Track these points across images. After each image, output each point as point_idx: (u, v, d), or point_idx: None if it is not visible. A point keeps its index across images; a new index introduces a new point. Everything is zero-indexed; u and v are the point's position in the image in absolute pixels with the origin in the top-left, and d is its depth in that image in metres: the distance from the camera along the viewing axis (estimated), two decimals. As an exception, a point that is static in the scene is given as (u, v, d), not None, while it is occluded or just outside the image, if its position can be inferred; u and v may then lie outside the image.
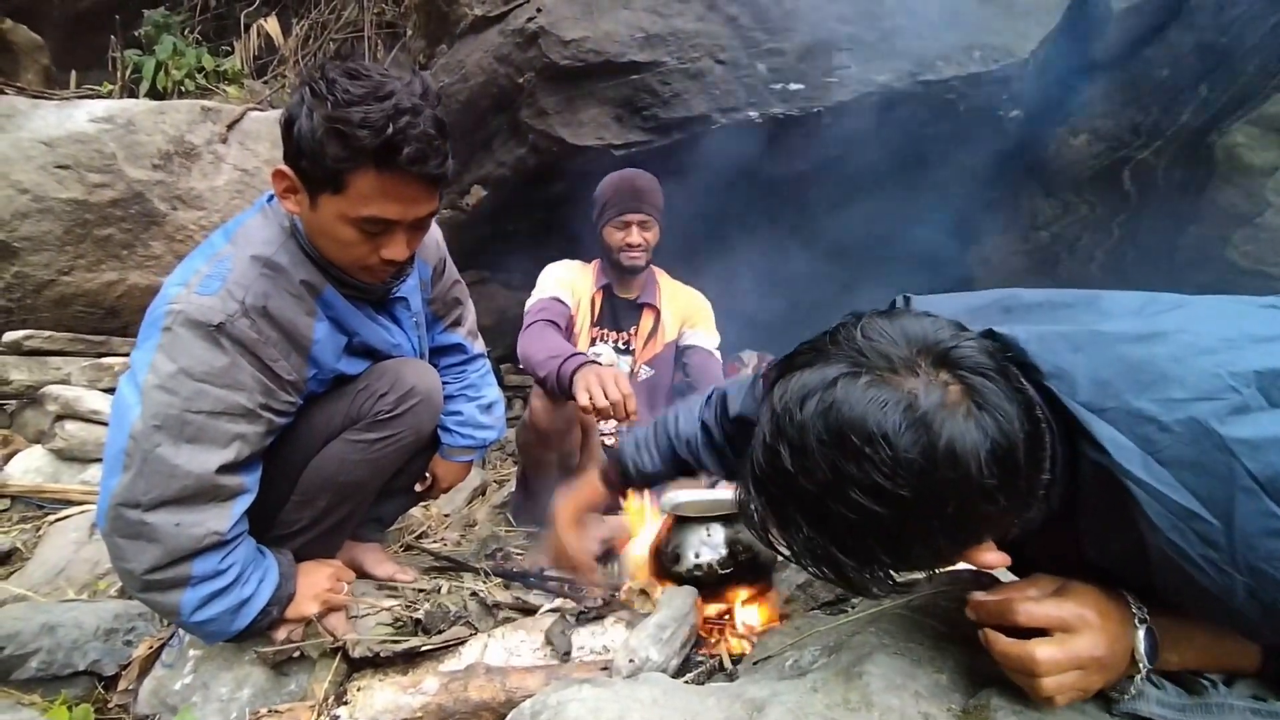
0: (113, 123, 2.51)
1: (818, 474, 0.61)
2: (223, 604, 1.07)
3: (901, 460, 0.58)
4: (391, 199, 1.00)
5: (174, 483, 1.00)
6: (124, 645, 1.29)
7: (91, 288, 2.56)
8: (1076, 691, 0.68)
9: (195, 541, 1.02)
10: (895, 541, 0.62)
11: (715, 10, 2.24)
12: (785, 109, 2.25)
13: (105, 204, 2.49)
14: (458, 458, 1.49)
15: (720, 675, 1.05)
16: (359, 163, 0.96)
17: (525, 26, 2.30)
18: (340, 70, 0.97)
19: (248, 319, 1.02)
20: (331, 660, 1.16)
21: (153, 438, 0.99)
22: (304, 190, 1.02)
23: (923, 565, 0.71)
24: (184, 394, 0.99)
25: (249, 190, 2.81)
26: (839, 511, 0.61)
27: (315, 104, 0.95)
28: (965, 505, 0.60)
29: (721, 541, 1.25)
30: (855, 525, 0.61)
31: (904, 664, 0.81)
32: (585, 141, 2.40)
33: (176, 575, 1.02)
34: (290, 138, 0.99)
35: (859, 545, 0.63)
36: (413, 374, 1.25)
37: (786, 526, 0.66)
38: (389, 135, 0.94)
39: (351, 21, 4.61)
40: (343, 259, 1.09)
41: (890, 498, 0.59)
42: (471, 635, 1.17)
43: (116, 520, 1.01)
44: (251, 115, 2.86)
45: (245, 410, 1.05)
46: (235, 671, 1.18)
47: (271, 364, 1.06)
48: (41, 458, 2.26)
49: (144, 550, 1.01)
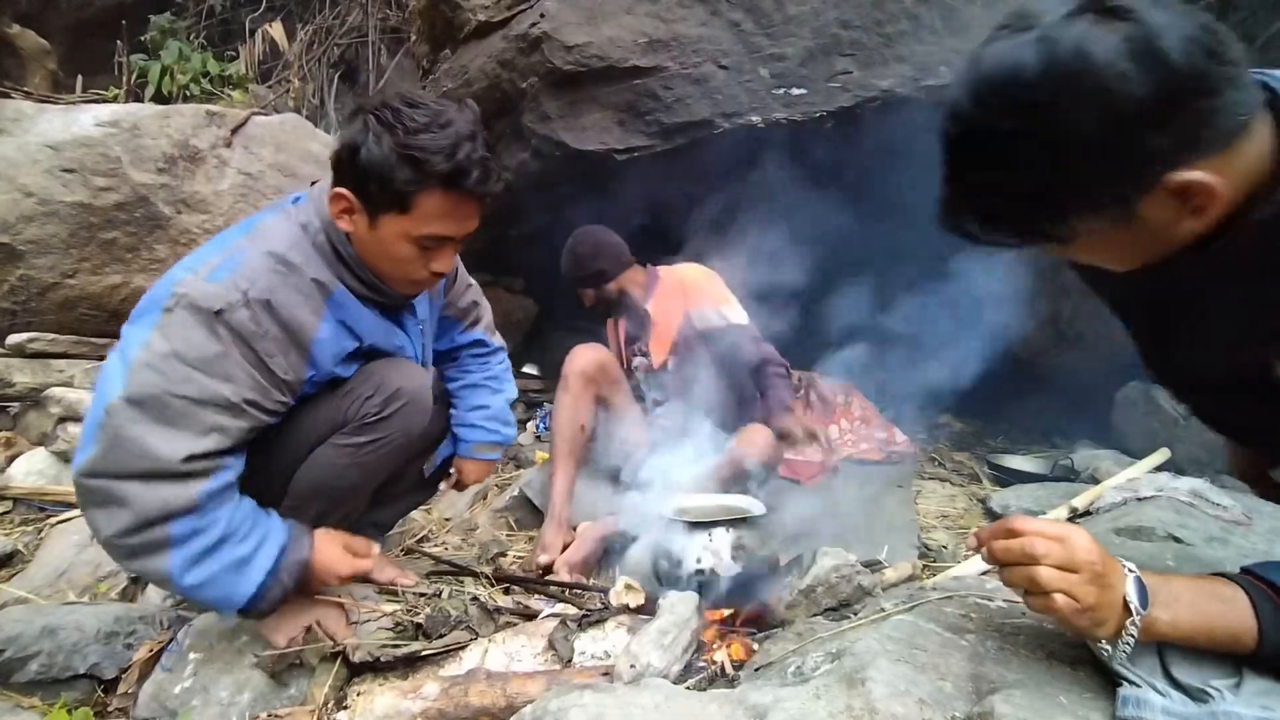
0: (118, 127, 2.52)
1: (975, 125, 0.65)
2: (216, 563, 1.03)
3: (1034, 75, 0.61)
4: (451, 218, 1.10)
5: (142, 461, 0.99)
6: (124, 649, 1.29)
7: (95, 291, 2.57)
8: (1073, 598, 0.69)
9: (164, 505, 1.00)
10: (1058, 157, 0.63)
11: (718, 16, 2.24)
12: (788, 114, 2.26)
13: (110, 207, 2.50)
14: (482, 455, 1.49)
15: (722, 681, 1.04)
16: (427, 185, 1.05)
17: (529, 32, 2.30)
18: (400, 100, 1.06)
19: (248, 310, 1.03)
20: (331, 665, 1.15)
21: (128, 413, 0.98)
22: (364, 211, 1.10)
23: (1098, 184, 0.64)
24: (171, 376, 0.99)
25: (253, 194, 2.82)
26: (1001, 148, 0.65)
27: (383, 132, 1.04)
28: (1108, 95, 0.60)
29: (724, 547, 1.25)
30: (1018, 152, 0.64)
31: (907, 670, 0.80)
32: (588, 146, 2.40)
33: (154, 538, 1.00)
34: (354, 164, 1.06)
35: (1028, 176, 0.64)
36: (399, 375, 1.24)
37: (969, 203, 0.70)
38: (458, 160, 1.04)
39: (356, 27, 4.65)
40: (395, 273, 1.16)
41: (1038, 109, 0.61)
42: (472, 640, 1.17)
43: (85, 492, 1.01)
44: (256, 120, 2.87)
45: (229, 403, 1.04)
46: (235, 675, 1.18)
47: (267, 359, 1.06)
48: (44, 460, 2.26)
49: (114, 516, 0.99)
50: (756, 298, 2.23)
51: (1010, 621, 0.88)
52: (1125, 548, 1.36)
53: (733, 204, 2.39)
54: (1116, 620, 0.71)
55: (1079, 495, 1.87)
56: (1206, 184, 0.62)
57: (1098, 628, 0.71)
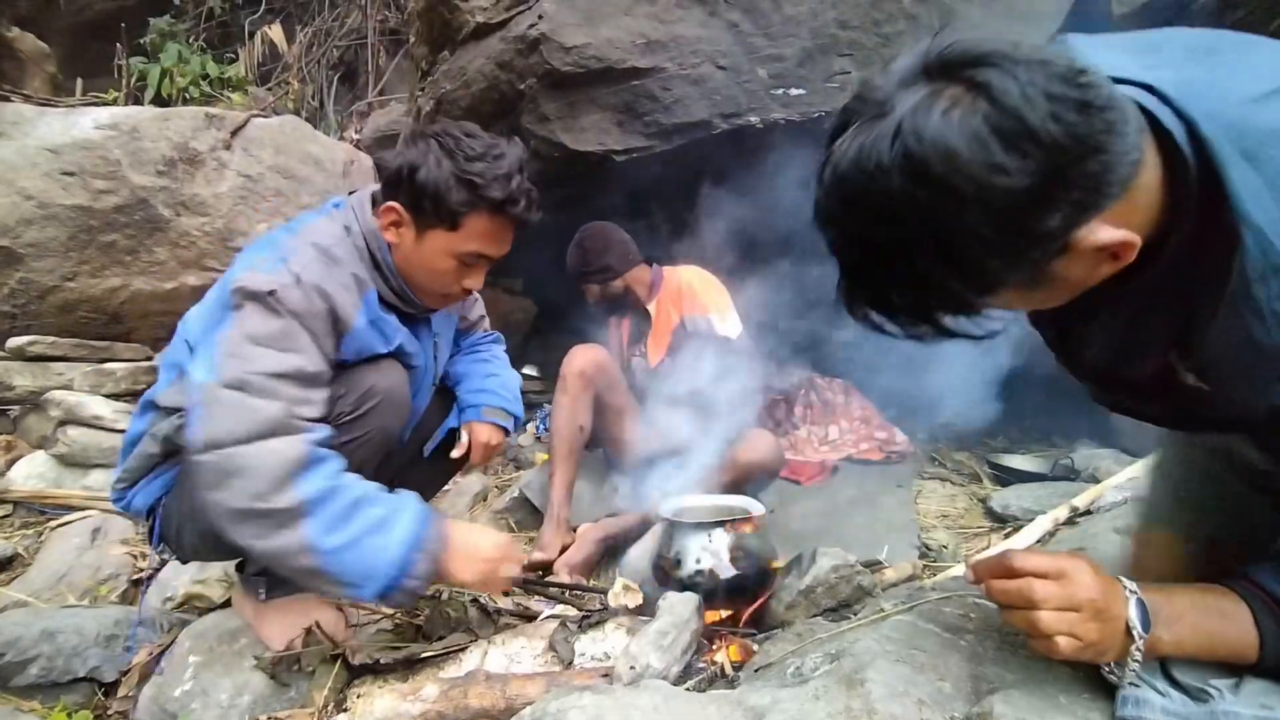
0: (117, 130, 2.52)
1: (850, 234, 0.63)
2: (356, 525, 1.01)
3: (898, 180, 0.56)
4: (492, 239, 1.21)
5: (244, 424, 1.02)
6: (124, 651, 1.29)
7: (95, 294, 2.57)
8: (1075, 638, 0.67)
9: (281, 459, 1.01)
10: (948, 256, 0.58)
11: (716, 17, 2.24)
12: (786, 114, 2.25)
13: (109, 210, 2.50)
14: (491, 418, 1.49)
15: (721, 682, 1.04)
16: (479, 208, 1.16)
17: (527, 33, 2.30)
18: (459, 130, 1.18)
19: (300, 290, 1.09)
20: (331, 667, 1.15)
21: (222, 390, 1.03)
22: (413, 224, 1.19)
23: (1001, 270, 0.60)
24: (249, 358, 1.05)
25: (252, 196, 2.82)
26: (885, 256, 0.61)
27: (444, 156, 1.15)
28: (985, 190, 0.55)
29: (723, 548, 1.25)
30: (905, 259, 0.59)
31: (906, 671, 0.80)
32: (587, 147, 2.40)
33: (286, 502, 0.99)
34: (413, 182, 1.16)
35: (922, 279, 0.60)
36: (372, 374, 1.24)
37: (869, 299, 0.66)
38: (510, 189, 1.16)
39: (355, 29, 4.65)
40: (431, 285, 1.25)
41: (910, 217, 0.57)
42: (472, 642, 1.17)
43: (202, 472, 1.02)
44: (255, 122, 2.87)
45: (304, 374, 1.09)
46: (235, 678, 1.18)
47: (316, 338, 1.12)
48: (44, 463, 2.26)
49: (239, 485, 1.00)
50: (755, 299, 2.22)
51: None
52: (1125, 547, 1.36)
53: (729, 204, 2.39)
54: (1120, 647, 0.70)
55: (1079, 495, 1.87)
56: (1124, 241, 0.59)
57: (1101, 658, 0.70)
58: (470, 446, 1.46)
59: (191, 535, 1.25)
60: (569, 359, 2.07)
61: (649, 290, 2.24)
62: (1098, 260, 0.61)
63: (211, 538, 1.24)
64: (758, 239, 2.30)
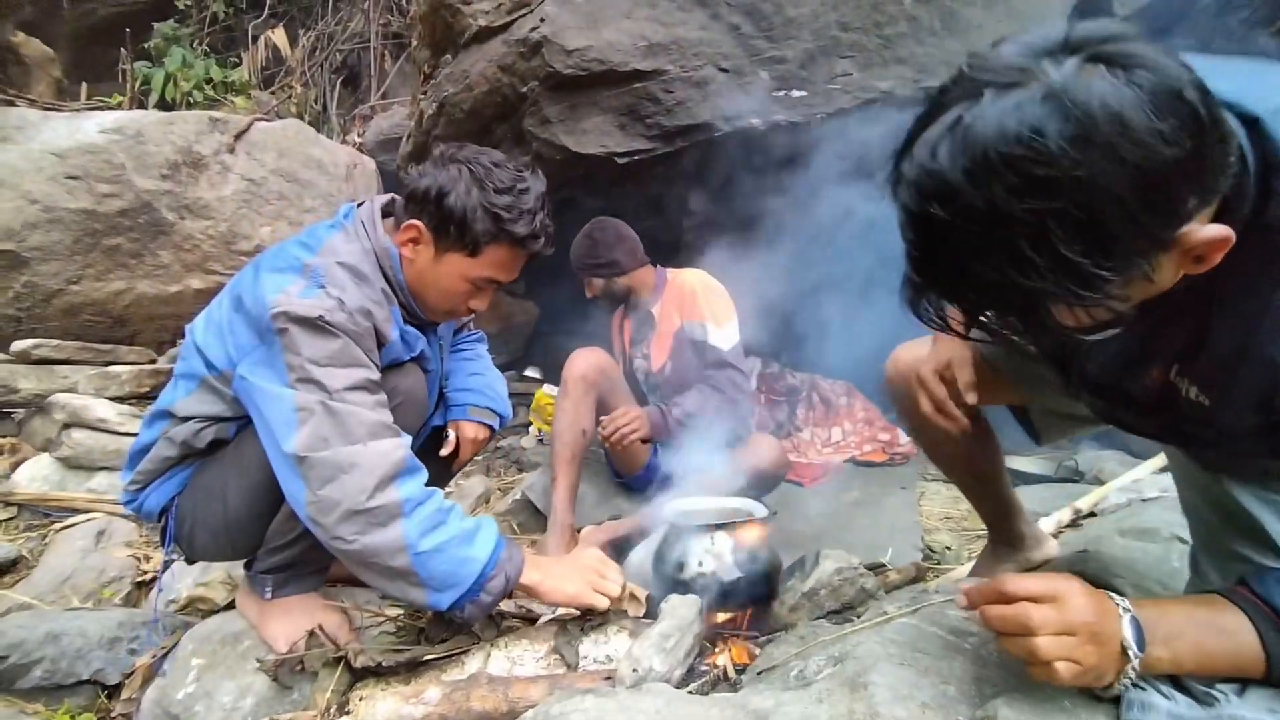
0: (122, 134, 2.54)
1: (976, 210, 0.56)
2: (445, 532, 1.07)
3: (1058, 144, 0.53)
4: (507, 267, 1.26)
5: (348, 425, 1.06)
6: (128, 654, 1.29)
7: (100, 297, 2.58)
8: (1074, 662, 0.66)
9: (388, 459, 1.06)
10: (1091, 233, 0.55)
11: (718, 19, 2.25)
12: (788, 116, 2.26)
13: (114, 214, 2.52)
14: (478, 417, 1.51)
15: (724, 685, 1.04)
16: (501, 239, 1.20)
17: (529, 36, 2.31)
18: (488, 160, 1.21)
19: (345, 313, 1.11)
20: (334, 669, 1.15)
21: (315, 407, 1.06)
22: (433, 244, 1.22)
23: (1133, 254, 0.58)
24: (322, 379, 1.07)
25: (256, 199, 2.83)
26: (1016, 233, 0.55)
27: (474, 185, 1.18)
28: (1149, 158, 0.53)
29: (726, 550, 1.24)
30: (1040, 236, 0.55)
31: (910, 674, 0.80)
32: (589, 150, 2.40)
33: (388, 501, 1.04)
34: (440, 205, 1.19)
35: (1053, 260, 0.55)
36: (394, 376, 1.27)
37: (964, 292, 0.62)
38: (534, 226, 1.21)
39: (358, 33, 4.67)
40: (440, 303, 1.29)
41: (1065, 184, 0.53)
42: (475, 644, 1.17)
43: (312, 468, 1.04)
44: (258, 125, 2.89)
45: (372, 383, 1.13)
46: (238, 680, 1.18)
47: (368, 353, 1.15)
48: (48, 466, 2.27)
49: (350, 482, 1.04)
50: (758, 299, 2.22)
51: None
52: (1130, 549, 1.35)
53: (734, 205, 2.40)
54: (1116, 668, 0.69)
55: (1083, 497, 1.86)
56: (1225, 237, 0.58)
57: (1100, 681, 0.69)
58: (458, 444, 1.48)
59: (204, 534, 1.26)
60: (570, 362, 2.06)
61: (653, 292, 2.23)
62: (1184, 261, 0.60)
63: (224, 536, 1.26)
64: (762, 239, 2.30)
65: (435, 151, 1.35)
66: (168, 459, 1.26)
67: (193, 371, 1.23)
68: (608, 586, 1.14)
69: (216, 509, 1.24)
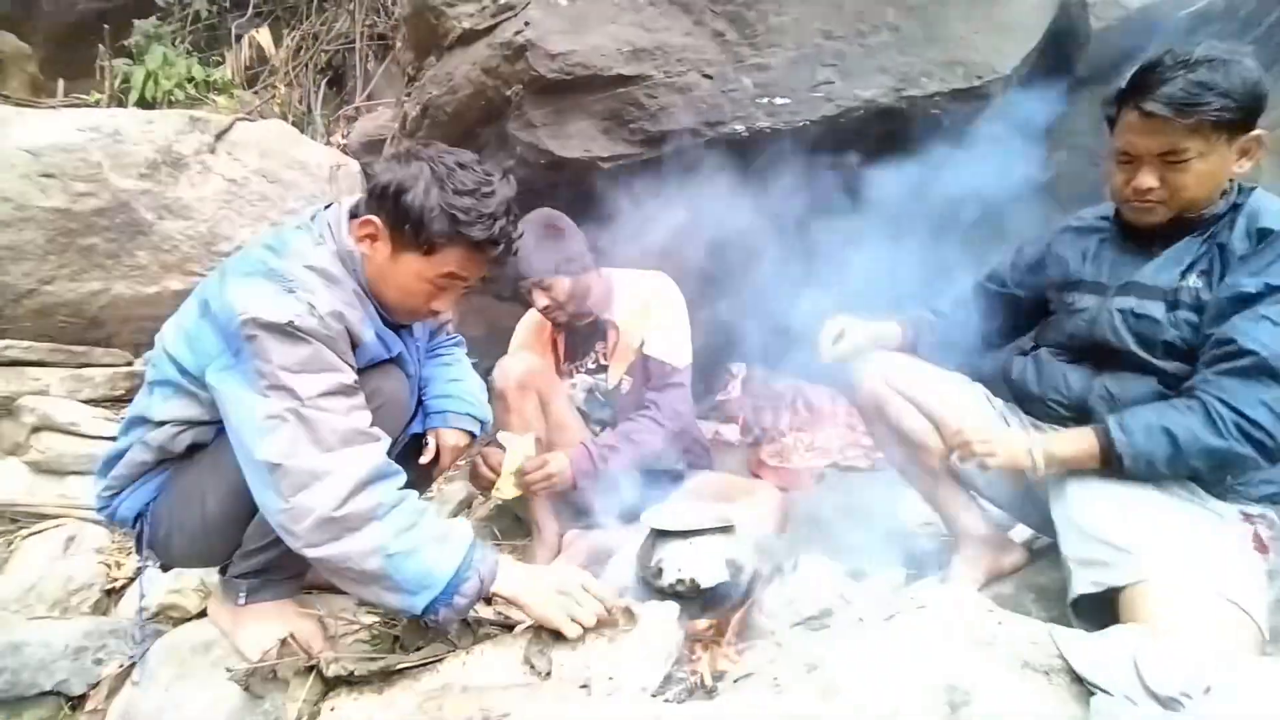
0: (99, 132, 2.49)
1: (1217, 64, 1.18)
2: (420, 532, 1.06)
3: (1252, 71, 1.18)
4: (465, 270, 1.22)
5: (325, 430, 1.06)
6: (94, 664, 1.27)
7: (74, 298, 2.53)
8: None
9: (365, 462, 1.06)
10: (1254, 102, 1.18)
11: (702, 26, 2.25)
12: (771, 123, 2.26)
13: (90, 213, 2.47)
14: (460, 424, 1.48)
15: (701, 693, 1.03)
16: (456, 241, 1.17)
17: (513, 40, 2.30)
18: (453, 160, 1.18)
19: (315, 318, 1.10)
20: (305, 679, 1.13)
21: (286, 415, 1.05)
22: (390, 242, 1.19)
23: (1249, 126, 1.19)
24: (293, 386, 1.06)
25: (237, 200, 2.79)
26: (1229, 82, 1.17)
27: (433, 183, 1.15)
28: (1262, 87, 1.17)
29: (705, 557, 1.24)
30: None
31: (882, 680, 0.80)
32: (573, 154, 2.40)
33: (363, 506, 1.04)
34: (398, 202, 1.15)
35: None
36: (376, 377, 1.26)
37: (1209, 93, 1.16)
38: (492, 232, 1.17)
39: (343, 33, 4.64)
40: (399, 303, 1.26)
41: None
42: (450, 652, 1.15)
43: (287, 475, 1.03)
44: (241, 125, 2.85)
45: (347, 387, 1.12)
46: (209, 690, 1.16)
47: (342, 356, 1.14)
48: (17, 470, 2.22)
49: (326, 488, 1.03)
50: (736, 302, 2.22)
51: (986, 632, 0.88)
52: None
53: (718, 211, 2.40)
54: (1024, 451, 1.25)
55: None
56: (1260, 136, 1.18)
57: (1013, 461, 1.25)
58: (438, 452, 1.46)
59: (181, 539, 1.24)
60: (502, 373, 1.86)
61: (604, 299, 1.98)
62: (1240, 154, 1.20)
63: (201, 541, 1.24)
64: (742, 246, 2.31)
65: (401, 147, 1.33)
66: (144, 464, 1.24)
67: (166, 378, 1.21)
68: (583, 615, 1.09)
69: (194, 513, 1.22)
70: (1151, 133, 1.18)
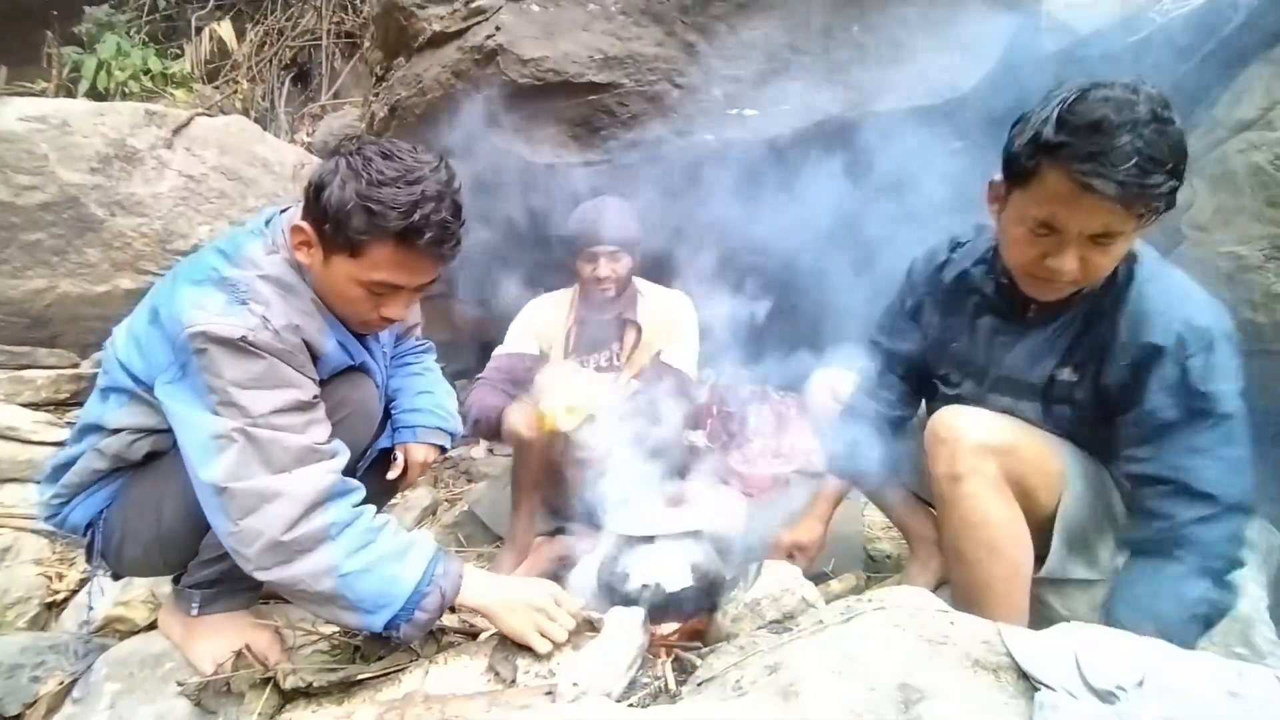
0: (45, 123, 2.39)
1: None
2: (375, 550, 1.03)
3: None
4: (402, 269, 1.12)
5: (276, 450, 1.02)
6: (30, 682, 1.21)
7: (15, 295, 2.42)
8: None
9: (315, 485, 1.02)
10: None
11: (673, 36, 2.28)
12: (740, 134, 2.31)
13: (34, 207, 2.37)
14: (429, 439, 1.45)
15: (665, 697, 1.04)
16: (379, 237, 1.07)
17: (484, 44, 2.29)
18: (376, 150, 1.09)
19: (269, 331, 1.06)
20: (261, 691, 1.10)
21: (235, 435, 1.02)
22: (320, 247, 1.12)
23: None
24: (245, 404, 1.02)
25: (194, 197, 2.71)
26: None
27: (349, 177, 1.06)
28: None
29: (669, 561, 1.25)
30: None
31: (839, 681, 0.82)
32: (543, 159, 2.40)
33: (314, 528, 1.01)
34: (318, 201, 1.08)
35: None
36: (344, 386, 1.23)
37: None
38: (414, 220, 1.06)
39: (309, 30, 4.54)
40: (345, 311, 1.19)
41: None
42: (413, 661, 1.14)
43: (234, 498, 0.99)
44: (199, 121, 2.77)
45: (303, 403, 1.08)
46: (157, 705, 1.12)
47: (300, 369, 1.10)
48: (-50, 477, 2.10)
49: (274, 512, 0.99)
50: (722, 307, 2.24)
51: (939, 632, 0.91)
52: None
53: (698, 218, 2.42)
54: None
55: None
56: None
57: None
58: (406, 467, 1.43)
59: (134, 547, 1.20)
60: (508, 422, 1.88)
61: (631, 298, 2.10)
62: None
63: (156, 550, 1.19)
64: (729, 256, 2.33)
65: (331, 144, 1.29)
66: (96, 471, 1.19)
67: (119, 385, 1.16)
68: (553, 631, 1.07)
69: (149, 521, 1.18)
70: (1091, 213, 0.99)
